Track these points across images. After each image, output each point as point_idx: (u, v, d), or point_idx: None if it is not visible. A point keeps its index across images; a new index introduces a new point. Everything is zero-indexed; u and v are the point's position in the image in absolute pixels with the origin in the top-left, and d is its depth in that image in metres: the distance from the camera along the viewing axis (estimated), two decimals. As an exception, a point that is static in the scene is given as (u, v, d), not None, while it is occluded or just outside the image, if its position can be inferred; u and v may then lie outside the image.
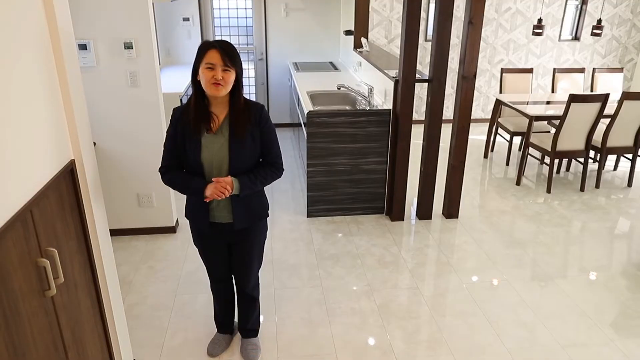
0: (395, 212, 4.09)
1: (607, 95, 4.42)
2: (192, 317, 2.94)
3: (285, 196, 4.60)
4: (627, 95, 4.54)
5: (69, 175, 1.73)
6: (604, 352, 2.72)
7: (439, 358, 2.66)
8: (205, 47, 2.01)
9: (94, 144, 3.43)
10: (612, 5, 6.79)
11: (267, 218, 2.40)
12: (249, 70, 6.49)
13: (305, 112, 3.91)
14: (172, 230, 3.88)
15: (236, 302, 2.63)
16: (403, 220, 4.14)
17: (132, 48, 3.28)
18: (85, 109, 1.88)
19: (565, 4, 6.72)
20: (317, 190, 4.09)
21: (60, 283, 1.57)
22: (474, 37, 3.64)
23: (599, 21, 5.29)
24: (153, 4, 5.50)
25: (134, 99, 3.44)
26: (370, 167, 4.06)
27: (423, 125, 4.03)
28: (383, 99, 4.26)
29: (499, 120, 5.60)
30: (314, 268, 3.46)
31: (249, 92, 6.62)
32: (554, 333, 2.86)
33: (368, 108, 4.15)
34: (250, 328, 2.65)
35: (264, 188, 2.31)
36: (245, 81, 6.60)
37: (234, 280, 2.55)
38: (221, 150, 2.11)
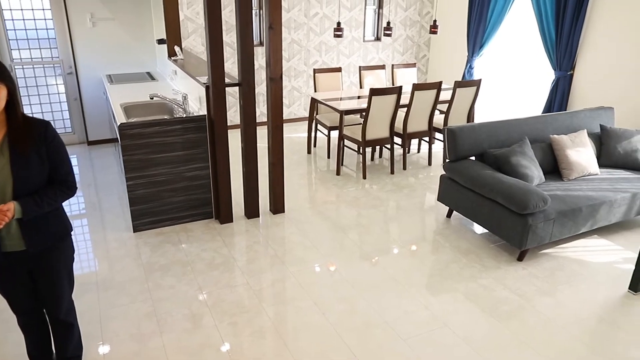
0: (224, 215, 4.17)
1: (400, 88, 5.03)
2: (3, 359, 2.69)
3: (112, 213, 4.39)
4: (417, 87, 5.22)
5: None
6: (411, 309, 3.13)
7: (270, 344, 2.81)
8: None
9: None
10: (403, 9, 7.70)
11: (71, 237, 2.29)
12: (57, 86, 6.01)
13: (117, 124, 3.78)
14: (-26, 269, 3.46)
15: (51, 331, 2.47)
16: (232, 221, 4.24)
17: None
18: None
19: (365, 8, 7.43)
20: (141, 203, 3.98)
21: None
22: (276, 40, 3.88)
23: (388, 23, 6.00)
24: None
25: None
26: (193, 173, 4.08)
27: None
28: (199, 106, 4.30)
29: (317, 117, 6.00)
30: (142, 282, 3.38)
31: (61, 109, 6.13)
32: (370, 302, 3.20)
33: (185, 115, 4.16)
34: (70, 356, 2.51)
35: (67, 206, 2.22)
36: (54, 97, 6.19)
37: (44, 309, 2.39)
38: (2, 173, 1.96)
